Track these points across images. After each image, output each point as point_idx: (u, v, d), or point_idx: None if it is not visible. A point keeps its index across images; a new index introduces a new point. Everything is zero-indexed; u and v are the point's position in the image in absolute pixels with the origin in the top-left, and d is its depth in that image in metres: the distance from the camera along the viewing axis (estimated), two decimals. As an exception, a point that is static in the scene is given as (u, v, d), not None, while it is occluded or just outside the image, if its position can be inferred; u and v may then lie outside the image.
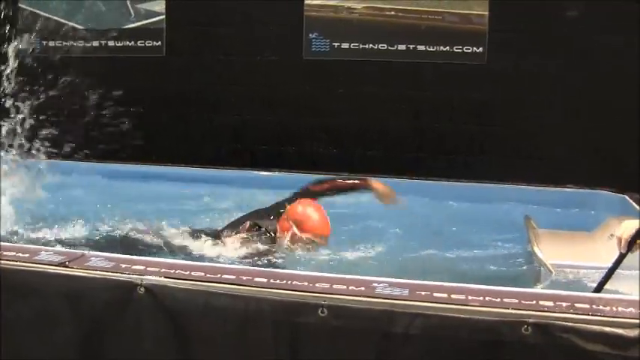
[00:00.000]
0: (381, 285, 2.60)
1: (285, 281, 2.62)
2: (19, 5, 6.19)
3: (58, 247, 3.32)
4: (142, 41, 5.95)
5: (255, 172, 5.41)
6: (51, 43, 6.16)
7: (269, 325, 2.54)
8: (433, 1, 5.38)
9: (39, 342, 2.77)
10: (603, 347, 2.30)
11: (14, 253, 2.88)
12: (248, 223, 3.92)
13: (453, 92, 5.45)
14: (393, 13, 5.43)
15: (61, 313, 2.72)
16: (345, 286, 2.58)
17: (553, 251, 3.47)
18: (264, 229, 3.88)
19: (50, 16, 6.15)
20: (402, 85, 5.53)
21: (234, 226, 3.96)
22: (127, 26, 6.00)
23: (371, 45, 5.49)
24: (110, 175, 5.31)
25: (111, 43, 6.02)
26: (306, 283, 2.60)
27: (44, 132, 5.58)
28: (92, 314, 2.70)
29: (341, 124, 5.63)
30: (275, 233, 3.86)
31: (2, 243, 3.05)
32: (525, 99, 5.33)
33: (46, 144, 5.39)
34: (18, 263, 2.80)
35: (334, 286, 2.58)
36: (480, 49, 5.34)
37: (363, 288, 2.57)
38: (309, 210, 3.85)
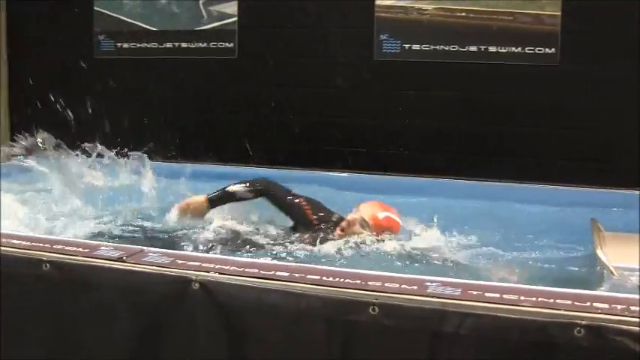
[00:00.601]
0: (433, 284, 2.58)
1: (337, 279, 2.63)
2: (95, 8, 6.35)
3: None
4: (215, 43, 6.04)
5: (328, 173, 5.40)
6: (125, 45, 6.30)
7: (320, 323, 2.55)
8: (505, 2, 5.30)
9: (98, 335, 2.85)
10: (659, 351, 2.23)
11: (74, 248, 2.96)
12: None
13: (524, 94, 5.37)
14: (464, 14, 5.38)
15: (118, 307, 2.80)
16: (397, 285, 2.57)
17: (618, 254, 3.40)
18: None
19: (124, 18, 6.29)
20: (472, 87, 5.48)
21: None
22: (199, 28, 6.09)
23: (442, 46, 5.45)
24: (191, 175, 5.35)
25: (184, 45, 6.12)
26: (358, 281, 2.60)
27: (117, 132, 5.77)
28: (148, 308, 2.76)
29: (411, 126, 5.61)
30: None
31: (63, 238, 3.16)
32: (597, 101, 5.20)
33: (121, 144, 5.52)
34: (78, 258, 2.88)
35: (386, 284, 2.57)
36: (552, 50, 5.25)
37: (415, 287, 2.56)
38: (380, 210, 3.92)
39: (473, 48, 5.39)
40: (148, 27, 6.22)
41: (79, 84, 6.39)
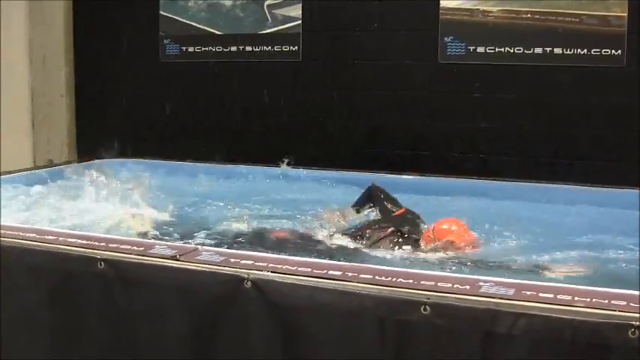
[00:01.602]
0: (486, 284, 2.56)
1: (389, 278, 2.63)
2: (160, 12, 6.45)
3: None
4: (279, 46, 6.06)
5: (392, 175, 5.36)
6: (190, 49, 6.39)
7: (372, 322, 2.54)
8: (570, 3, 5.20)
9: (152, 333, 2.89)
10: None
11: (129, 247, 3.02)
12: (391, 229, 3.96)
13: (590, 96, 5.26)
14: (529, 15, 5.30)
15: (171, 305, 2.83)
16: (449, 284, 2.55)
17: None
18: (406, 235, 3.92)
19: (189, 22, 6.37)
20: (537, 89, 5.39)
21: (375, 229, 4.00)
22: (264, 31, 6.13)
23: (507, 48, 5.38)
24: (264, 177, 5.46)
25: (248, 48, 6.18)
26: (411, 281, 2.59)
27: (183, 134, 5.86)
28: (200, 306, 2.79)
29: (476, 129, 5.55)
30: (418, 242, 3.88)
31: (118, 237, 3.22)
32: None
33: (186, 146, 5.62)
34: (132, 256, 2.93)
35: (439, 284, 2.56)
36: (619, 51, 5.13)
37: (467, 286, 2.53)
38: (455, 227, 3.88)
39: (538, 50, 5.30)
40: (213, 31, 6.28)
41: (146, 87, 6.50)
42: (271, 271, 2.71)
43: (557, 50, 5.26)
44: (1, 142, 6.05)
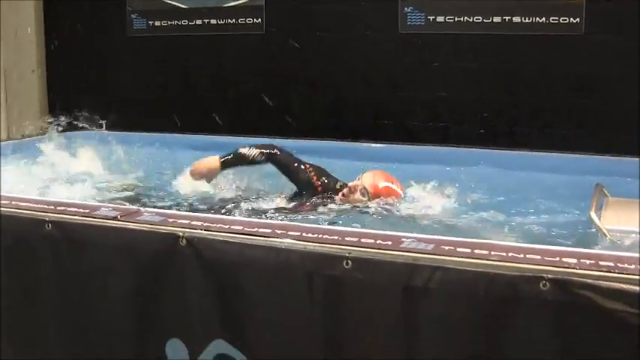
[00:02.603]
0: (408, 240, 2.64)
1: (316, 235, 2.72)
2: (126, -14, 6.53)
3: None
4: (243, 19, 6.14)
5: (353, 144, 5.45)
6: (157, 23, 6.46)
7: (299, 276, 2.63)
8: (530, -28, 5.28)
9: (98, 291, 2.99)
10: (622, 305, 2.26)
11: (75, 209, 3.11)
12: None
13: (549, 65, 5.34)
14: (487, -16, 5.38)
15: (114, 263, 2.94)
16: (372, 240, 2.64)
17: (618, 218, 3.40)
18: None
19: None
20: (497, 58, 5.47)
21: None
22: (228, 4, 6.20)
23: (466, 18, 5.45)
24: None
25: (213, 22, 6.25)
26: (335, 237, 2.69)
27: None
28: (141, 263, 2.89)
29: (437, 98, 5.64)
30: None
31: (66, 200, 3.32)
32: (623, 72, 5.15)
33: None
34: (77, 217, 3.03)
35: (362, 240, 2.64)
36: (577, 19, 5.20)
37: (389, 242, 2.62)
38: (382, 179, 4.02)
39: (497, 19, 5.37)
40: (178, 4, 6.35)
41: (115, 62, 6.58)
42: (204, 229, 2.80)
43: (516, 19, 5.33)
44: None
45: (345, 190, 3.98)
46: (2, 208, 3.17)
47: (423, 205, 3.88)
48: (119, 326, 2.98)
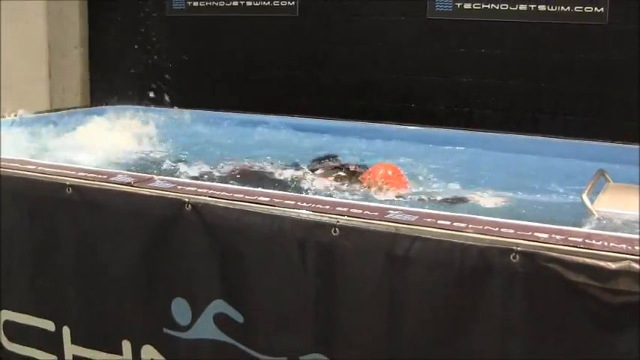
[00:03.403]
0: (394, 212, 2.82)
1: (310, 204, 2.91)
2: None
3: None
4: (277, 1, 6.34)
5: (381, 125, 5.57)
6: (195, 3, 6.69)
7: (291, 242, 2.83)
8: (555, -40, 5.35)
9: (110, 250, 3.23)
10: (585, 278, 2.40)
11: (94, 175, 3.35)
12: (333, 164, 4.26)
13: (572, 53, 5.41)
14: (515, -28, 5.47)
15: (126, 225, 3.18)
16: (360, 211, 2.83)
17: (613, 201, 3.51)
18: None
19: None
20: (522, 46, 5.55)
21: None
22: (263, -13, 6.41)
23: (493, 5, 5.54)
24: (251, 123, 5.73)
25: (249, 3, 6.45)
26: (327, 207, 2.88)
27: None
28: (149, 226, 3.11)
29: (461, 83, 5.75)
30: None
31: (87, 167, 3.58)
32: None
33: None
34: (92, 182, 3.28)
35: (351, 210, 2.83)
36: (602, 9, 5.26)
37: (376, 213, 2.80)
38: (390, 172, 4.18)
39: (522, 7, 5.45)
40: (213, -18, 6.56)
41: (154, 40, 6.82)
42: (209, 196, 3.01)
43: (542, 7, 5.40)
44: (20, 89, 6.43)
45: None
46: (23, 172, 3.42)
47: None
48: (130, 284, 3.21)
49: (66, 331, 3.40)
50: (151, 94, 6.04)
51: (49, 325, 3.44)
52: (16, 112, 5.08)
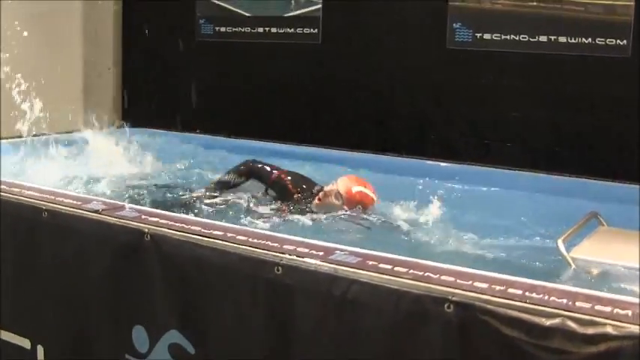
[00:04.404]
0: (340, 252, 2.80)
1: (259, 240, 2.91)
2: (197, -6, 6.89)
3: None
4: (301, 28, 6.36)
5: (396, 158, 5.55)
6: (222, 29, 6.77)
7: (237, 277, 2.85)
8: (577, -9, 5.23)
9: (78, 274, 3.31)
10: (519, 333, 2.33)
11: (70, 200, 3.44)
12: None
13: (594, 86, 5.26)
14: (535, 3, 5.33)
15: (92, 250, 3.26)
16: (306, 249, 2.81)
17: (601, 248, 3.39)
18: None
19: (222, 3, 6.74)
20: (542, 78, 5.42)
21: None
22: (287, 14, 6.43)
23: (512, 36, 5.45)
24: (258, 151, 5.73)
25: (274, 30, 6.50)
26: (276, 244, 2.88)
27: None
28: (113, 254, 3.18)
29: (480, 114, 5.66)
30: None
31: (65, 191, 3.67)
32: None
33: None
34: (66, 208, 3.37)
35: (298, 249, 2.82)
36: (624, 41, 5.10)
37: (321, 252, 2.79)
38: (356, 184, 4.21)
39: (543, 38, 5.34)
40: (242, 12, 6.62)
41: (183, 64, 6.94)
42: (166, 227, 3.05)
43: (562, 39, 5.28)
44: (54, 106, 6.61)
45: (320, 194, 4.17)
46: (9, 195, 3.55)
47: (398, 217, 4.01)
48: (98, 308, 3.29)
49: (40, 350, 3.50)
50: (177, 117, 6.08)
51: (25, 343, 3.54)
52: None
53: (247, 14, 6.63)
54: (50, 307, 3.44)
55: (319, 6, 6.26)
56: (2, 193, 3.63)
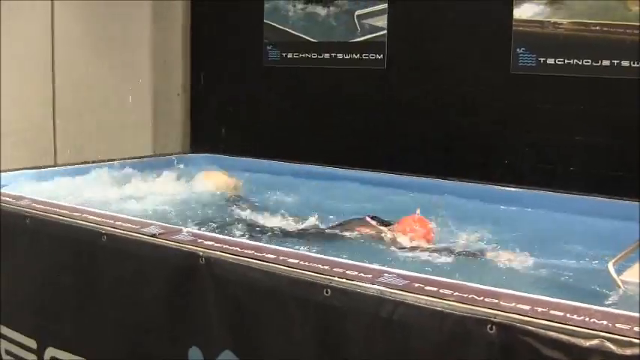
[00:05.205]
0: (387, 274, 2.85)
1: (309, 263, 2.98)
2: (265, 21, 7.02)
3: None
4: (367, 54, 6.44)
5: (461, 184, 5.55)
6: (289, 55, 6.91)
7: (288, 300, 2.92)
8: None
9: (135, 297, 3.42)
10: (559, 354, 2.35)
11: (128, 224, 3.57)
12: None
13: (658, 109, 5.22)
14: (597, 27, 5.31)
15: (150, 274, 3.37)
16: (355, 272, 2.87)
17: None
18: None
19: (289, 30, 6.87)
20: (605, 102, 5.39)
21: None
22: (353, 40, 6.52)
23: (576, 60, 5.43)
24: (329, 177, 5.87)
25: (339, 56, 6.60)
26: (327, 267, 2.94)
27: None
28: (169, 277, 3.28)
29: (545, 139, 5.64)
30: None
31: (122, 215, 3.79)
32: None
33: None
34: (124, 232, 3.49)
35: (347, 271, 2.88)
36: (688, 63, 5.06)
37: (370, 275, 2.84)
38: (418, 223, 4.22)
39: (606, 62, 5.31)
40: (309, 38, 6.75)
41: (251, 89, 7.09)
42: (220, 251, 3.15)
43: (625, 63, 5.25)
44: (126, 133, 6.86)
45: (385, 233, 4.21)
46: (72, 219, 3.69)
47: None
48: (154, 328, 3.38)
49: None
50: (244, 143, 6.23)
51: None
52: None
53: (314, 40, 6.75)
54: (108, 328, 3.55)
55: (384, 32, 6.34)
56: (63, 217, 3.77)
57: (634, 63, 5.21)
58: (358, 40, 6.48)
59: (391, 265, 3.27)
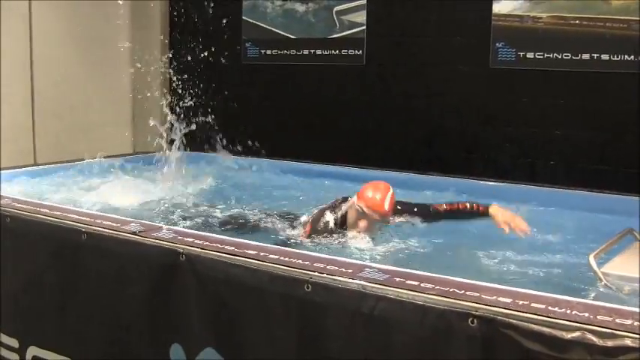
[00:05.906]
0: (369, 269, 2.85)
1: (290, 259, 2.98)
2: (243, 17, 7.01)
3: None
4: (346, 50, 6.43)
5: (446, 178, 5.56)
6: (268, 52, 6.89)
7: (268, 295, 2.91)
8: (619, 8, 5.15)
9: (117, 292, 3.40)
10: (541, 347, 2.35)
11: (109, 222, 3.54)
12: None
13: (638, 103, 5.23)
14: (577, 21, 5.33)
15: (130, 270, 3.35)
16: (336, 267, 2.87)
17: (634, 264, 3.35)
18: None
19: (268, 27, 6.86)
20: (585, 96, 5.41)
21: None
22: (332, 36, 6.52)
23: (555, 54, 5.44)
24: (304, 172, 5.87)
25: (318, 52, 6.59)
26: (307, 262, 2.93)
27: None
28: (150, 273, 3.27)
29: (525, 134, 5.65)
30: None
31: (102, 214, 3.77)
32: None
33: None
34: (105, 230, 3.47)
35: (328, 267, 2.87)
36: (670, 56, 5.08)
37: (350, 270, 2.83)
38: (372, 186, 4.14)
39: (586, 56, 5.33)
40: (288, 35, 6.74)
41: (231, 86, 7.06)
42: (201, 248, 3.13)
43: (605, 57, 5.26)
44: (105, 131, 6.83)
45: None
46: (52, 218, 3.66)
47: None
48: (136, 325, 3.36)
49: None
50: (222, 140, 6.20)
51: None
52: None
53: (293, 37, 6.73)
54: (89, 327, 3.53)
55: (363, 28, 6.34)
56: (44, 217, 3.75)
57: (614, 56, 5.24)
58: (337, 36, 6.47)
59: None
